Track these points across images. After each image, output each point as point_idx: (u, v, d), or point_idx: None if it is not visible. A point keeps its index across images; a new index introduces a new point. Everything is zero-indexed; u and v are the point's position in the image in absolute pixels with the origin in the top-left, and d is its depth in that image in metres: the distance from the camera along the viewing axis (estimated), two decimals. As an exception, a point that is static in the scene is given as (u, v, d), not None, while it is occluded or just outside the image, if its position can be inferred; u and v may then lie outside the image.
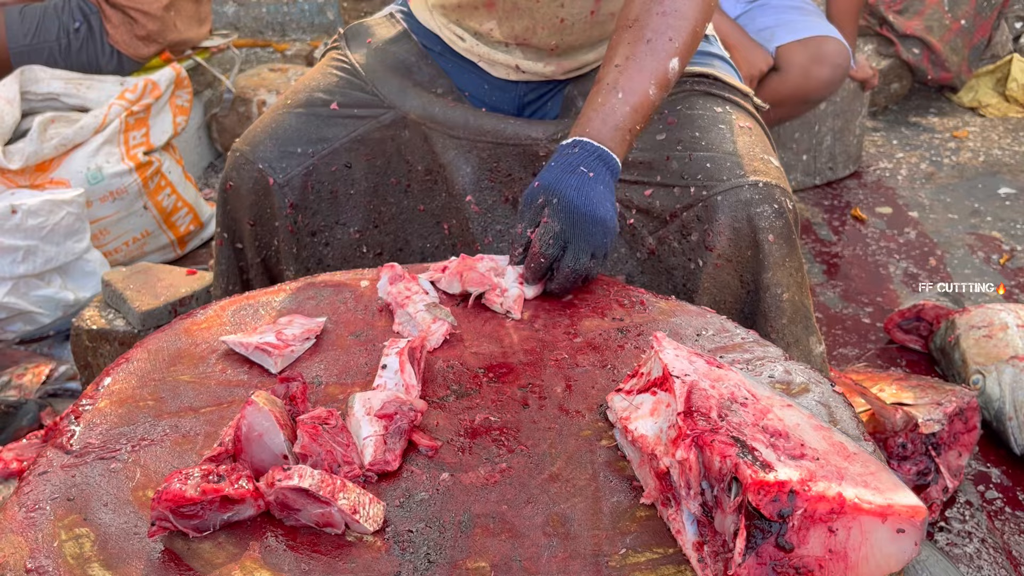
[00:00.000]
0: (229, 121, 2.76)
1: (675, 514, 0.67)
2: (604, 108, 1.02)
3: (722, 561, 0.62)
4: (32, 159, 1.95)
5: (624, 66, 1.04)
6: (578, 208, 0.96)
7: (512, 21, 1.21)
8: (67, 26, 2.27)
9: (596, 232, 0.96)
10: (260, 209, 1.25)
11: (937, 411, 1.43)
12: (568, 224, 0.96)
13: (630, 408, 0.75)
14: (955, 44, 3.28)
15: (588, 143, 1.00)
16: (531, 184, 1.00)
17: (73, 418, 0.80)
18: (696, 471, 0.64)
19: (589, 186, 0.97)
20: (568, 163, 0.99)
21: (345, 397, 0.83)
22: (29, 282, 1.83)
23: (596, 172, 0.99)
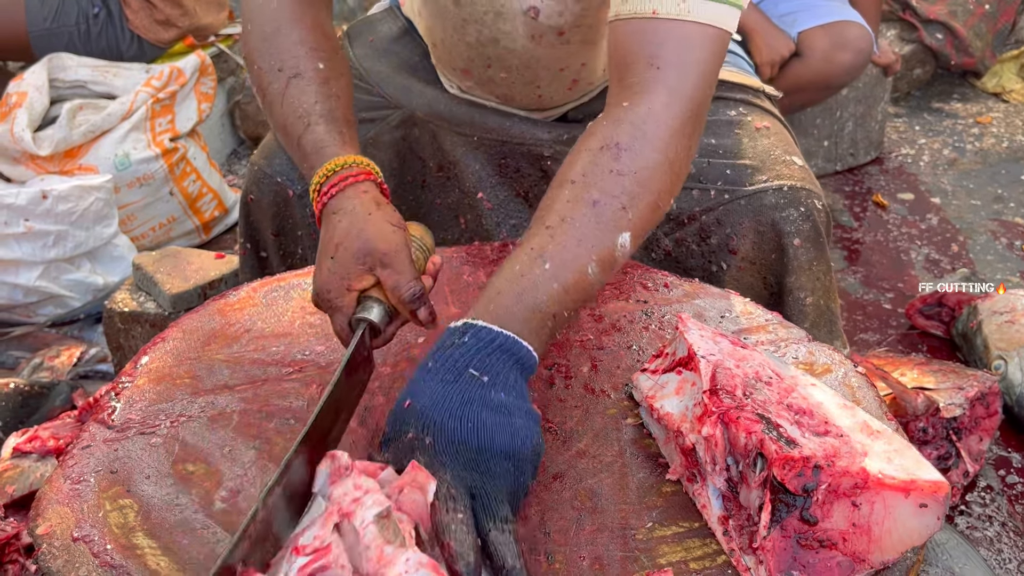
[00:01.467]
0: (252, 108, 2.78)
1: (700, 489, 0.69)
2: (522, 281, 0.74)
3: (747, 534, 0.65)
4: (61, 145, 1.98)
5: (558, 229, 0.77)
6: (465, 441, 0.65)
7: (490, 87, 1.19)
8: (86, 11, 2.29)
9: (499, 467, 0.66)
10: (282, 220, 1.25)
11: (958, 396, 1.43)
12: (461, 466, 0.65)
13: (655, 387, 0.76)
14: (979, 29, 3.26)
15: (483, 328, 0.70)
16: (399, 399, 0.69)
17: (114, 395, 0.83)
18: (722, 447, 0.66)
19: (481, 400, 0.67)
20: (452, 364, 0.69)
21: (375, 376, 0.84)
22: (60, 266, 1.87)
23: (494, 373, 0.69)
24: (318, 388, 0.83)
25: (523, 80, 1.14)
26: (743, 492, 0.65)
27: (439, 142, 1.27)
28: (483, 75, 1.16)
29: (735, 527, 0.66)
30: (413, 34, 1.32)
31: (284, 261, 1.30)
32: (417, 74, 1.29)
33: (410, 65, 1.30)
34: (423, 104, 1.25)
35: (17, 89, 2.07)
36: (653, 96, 0.81)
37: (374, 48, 1.31)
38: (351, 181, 0.85)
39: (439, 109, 1.25)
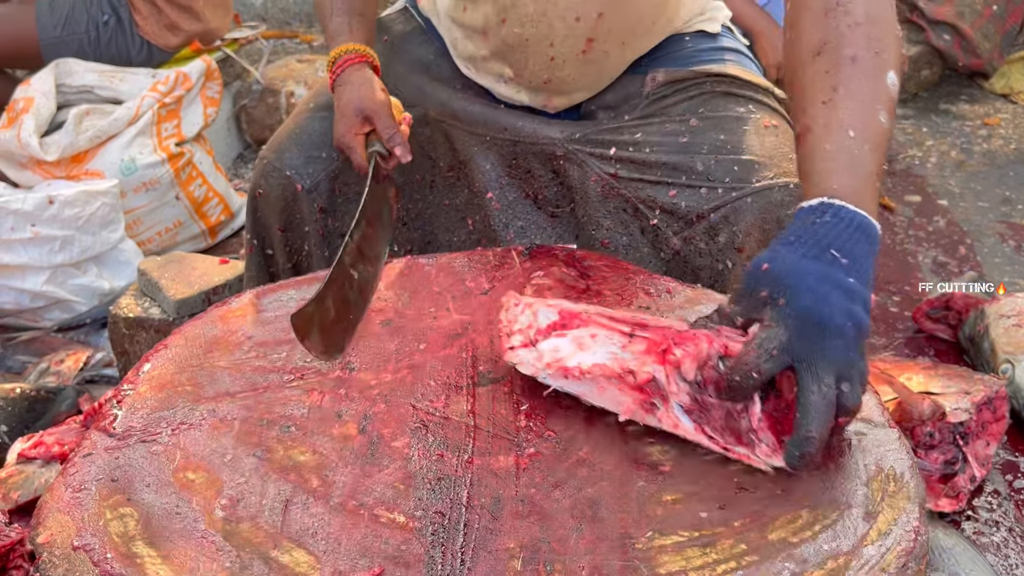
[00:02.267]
0: (258, 112, 2.79)
1: (665, 414, 0.75)
2: (841, 156, 0.78)
3: (730, 430, 0.73)
4: (68, 151, 1.99)
5: (837, 97, 0.81)
6: (811, 314, 0.71)
7: (504, 53, 1.19)
8: (96, 19, 2.30)
9: (836, 347, 0.70)
10: (290, 215, 1.26)
11: (965, 400, 1.42)
12: (797, 334, 0.71)
13: (551, 354, 0.80)
14: (987, 30, 3.24)
15: (843, 208, 0.75)
16: (757, 262, 0.75)
17: (115, 402, 0.83)
18: (687, 364, 0.74)
19: (835, 279, 0.72)
20: (814, 239, 0.74)
21: (377, 383, 0.84)
22: (66, 271, 1.87)
23: (853, 256, 0.73)
24: (319, 395, 0.83)
25: (537, 36, 1.15)
26: (709, 393, 0.73)
27: (451, 141, 1.28)
28: (498, 36, 1.17)
29: (715, 430, 0.73)
30: (427, 33, 1.33)
31: (290, 258, 1.30)
32: (430, 73, 1.30)
33: (424, 64, 1.31)
34: (436, 103, 1.26)
35: (24, 94, 2.08)
36: None
37: (389, 47, 1.33)
38: (351, 63, 1.16)
39: (453, 108, 1.26)
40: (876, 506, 0.69)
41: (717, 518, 0.68)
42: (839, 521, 0.67)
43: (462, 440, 0.77)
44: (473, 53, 1.24)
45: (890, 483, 0.71)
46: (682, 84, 1.21)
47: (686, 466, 0.73)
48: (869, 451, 0.74)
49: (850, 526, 0.67)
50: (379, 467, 0.74)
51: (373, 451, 0.76)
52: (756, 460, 0.72)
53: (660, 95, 1.21)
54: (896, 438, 0.76)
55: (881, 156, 0.80)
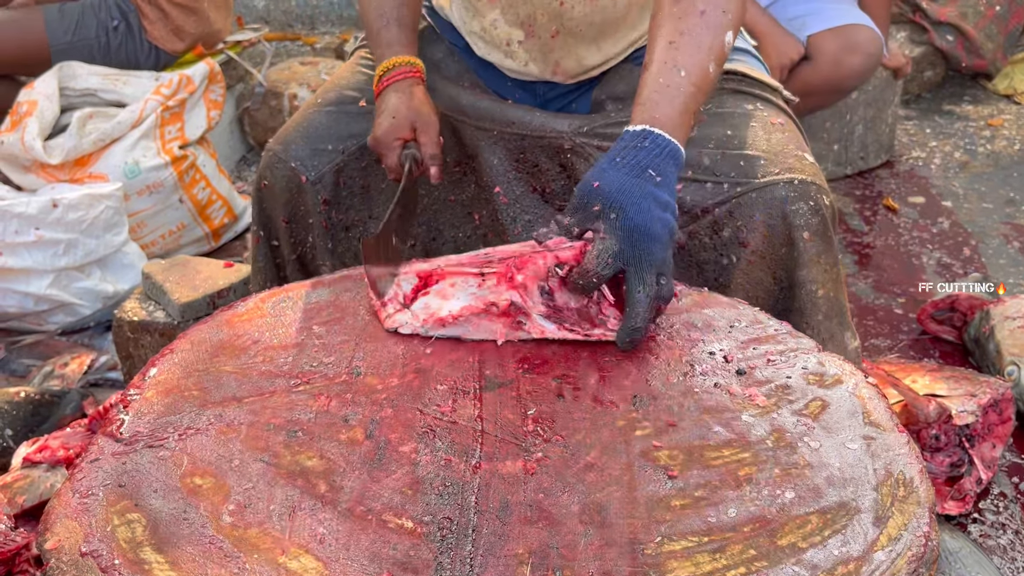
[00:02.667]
0: (261, 115, 2.79)
1: (532, 326, 0.90)
2: (668, 90, 0.94)
3: (585, 317, 0.90)
4: (72, 154, 1.99)
5: (679, 43, 0.97)
6: (639, 227, 0.86)
7: (516, 7, 1.21)
8: (106, 24, 2.30)
9: (657, 250, 0.87)
10: (294, 206, 1.27)
11: (971, 402, 1.42)
12: (628, 244, 0.86)
13: (422, 311, 0.92)
14: (990, 31, 3.24)
15: (660, 136, 0.91)
16: (588, 177, 0.90)
17: (122, 407, 0.83)
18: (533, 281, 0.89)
19: (653, 195, 0.88)
20: (636, 161, 0.90)
21: (383, 388, 0.84)
22: (70, 274, 1.87)
23: (665, 175, 0.90)
24: (326, 400, 0.83)
25: None
26: (557, 296, 0.90)
27: (458, 136, 1.29)
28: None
29: (573, 324, 0.89)
30: (437, 34, 1.36)
31: (295, 249, 1.31)
32: (440, 72, 1.32)
33: (433, 62, 1.33)
34: (445, 99, 1.27)
35: (28, 98, 2.08)
36: None
37: None
38: (407, 76, 1.19)
39: (460, 104, 1.28)
40: (886, 511, 0.68)
41: (727, 523, 0.68)
42: (849, 526, 0.67)
43: (470, 445, 0.77)
44: (483, 23, 1.25)
45: (900, 488, 0.71)
46: None
47: (694, 470, 0.73)
48: (878, 456, 0.74)
49: (860, 531, 0.67)
50: (387, 472, 0.74)
51: (380, 456, 0.76)
52: (609, 335, 0.89)
53: None
54: (905, 442, 0.75)
55: (703, 97, 0.97)
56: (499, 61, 1.27)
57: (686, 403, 0.81)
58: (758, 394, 0.82)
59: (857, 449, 0.75)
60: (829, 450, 0.75)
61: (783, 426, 0.78)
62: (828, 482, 0.72)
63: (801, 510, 0.69)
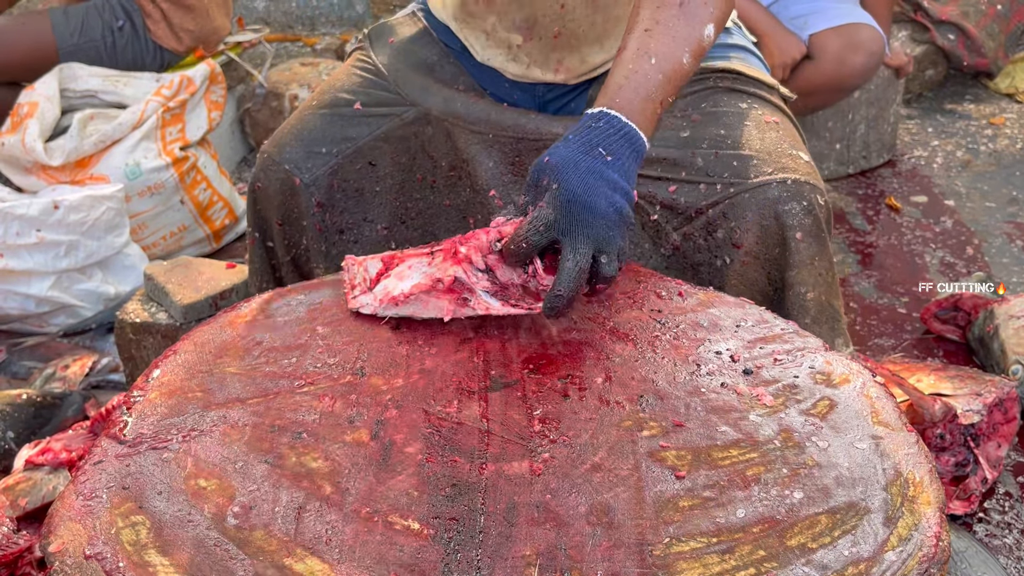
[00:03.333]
0: (262, 116, 2.79)
1: (477, 302, 0.90)
2: (636, 76, 0.93)
3: (528, 292, 0.90)
4: (72, 155, 1.98)
5: (655, 31, 0.96)
6: (578, 197, 0.86)
7: (512, 13, 1.20)
8: (111, 24, 2.30)
9: (597, 225, 0.86)
10: (288, 209, 1.27)
11: (976, 402, 1.41)
12: (563, 214, 0.86)
13: (382, 292, 0.93)
14: (991, 30, 3.23)
15: (615, 118, 0.91)
16: (541, 156, 0.90)
17: (125, 409, 0.82)
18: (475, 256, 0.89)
19: (599, 171, 0.87)
20: (587, 139, 0.90)
21: (388, 388, 0.84)
22: (71, 276, 1.87)
23: (616, 154, 0.89)
24: (331, 401, 0.82)
25: None
26: (499, 272, 0.90)
27: (453, 140, 1.28)
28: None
29: (517, 299, 0.90)
30: (432, 36, 1.35)
31: (289, 251, 1.31)
32: (434, 75, 1.31)
33: (428, 65, 1.32)
34: (439, 102, 1.27)
35: (28, 99, 2.07)
36: None
37: (394, 48, 1.34)
38: None
39: (455, 107, 1.27)
40: (896, 511, 0.68)
41: (735, 523, 0.67)
42: (859, 527, 0.67)
43: (476, 445, 0.76)
44: (482, 26, 1.24)
45: (909, 487, 0.70)
46: None
47: (703, 471, 0.73)
48: (887, 455, 0.74)
49: (870, 532, 0.66)
50: (392, 473, 0.73)
51: (386, 457, 0.75)
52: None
53: None
54: (914, 442, 0.75)
55: (672, 88, 0.96)
56: (501, 66, 1.27)
57: (693, 403, 0.81)
58: (765, 394, 0.82)
59: (866, 449, 0.74)
60: (838, 450, 0.75)
61: (791, 426, 0.78)
62: (837, 482, 0.71)
63: (810, 510, 0.68)
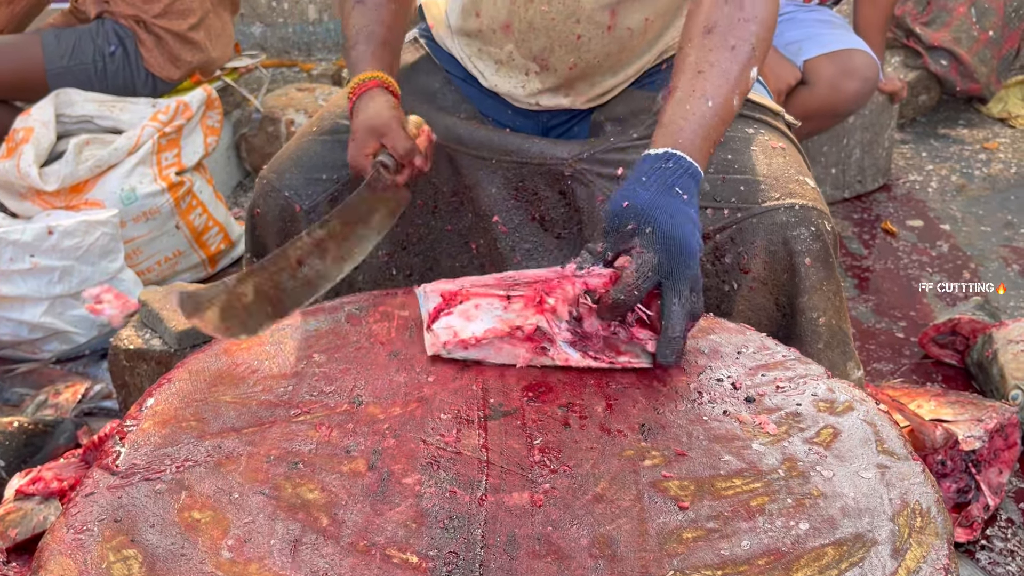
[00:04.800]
0: (258, 141, 2.79)
1: (556, 352, 0.88)
2: (694, 117, 0.94)
3: (611, 346, 0.88)
4: (68, 181, 1.98)
5: (708, 73, 0.97)
6: (675, 239, 0.85)
7: (530, 42, 1.20)
8: (103, 49, 2.30)
9: (693, 265, 0.87)
10: (287, 235, 1.26)
11: (977, 428, 1.40)
12: (666, 256, 0.85)
13: (445, 332, 0.90)
14: (983, 55, 3.26)
15: (683, 159, 0.91)
16: (616, 200, 0.89)
17: (118, 439, 0.81)
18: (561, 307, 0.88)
19: (684, 212, 0.88)
20: (663, 181, 0.89)
21: (386, 417, 0.83)
22: (65, 301, 1.86)
23: (689, 193, 0.90)
24: (327, 430, 0.81)
25: (564, 12, 1.17)
26: (586, 323, 0.88)
27: (455, 166, 1.27)
28: (523, 20, 1.19)
29: (598, 352, 0.88)
30: (434, 63, 1.35)
31: None
32: (435, 102, 1.30)
33: (429, 92, 1.32)
34: (441, 128, 1.26)
35: (24, 124, 2.07)
36: None
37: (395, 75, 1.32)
38: (366, 88, 1.14)
39: (458, 133, 1.26)
40: (903, 543, 0.67)
41: (740, 556, 0.66)
42: (866, 559, 0.65)
43: (475, 476, 0.75)
44: (497, 55, 1.24)
45: (917, 518, 0.69)
46: None
47: (706, 501, 0.72)
48: (893, 485, 0.72)
49: (878, 564, 0.65)
50: (390, 505, 0.72)
51: (384, 488, 0.74)
52: (635, 362, 0.88)
53: None
54: (920, 471, 0.74)
55: (723, 129, 0.97)
56: (509, 91, 1.26)
57: (695, 432, 0.80)
58: (768, 422, 0.81)
59: (871, 478, 0.73)
60: (843, 479, 0.74)
61: (795, 455, 0.77)
62: (843, 513, 0.70)
63: (816, 542, 0.67)
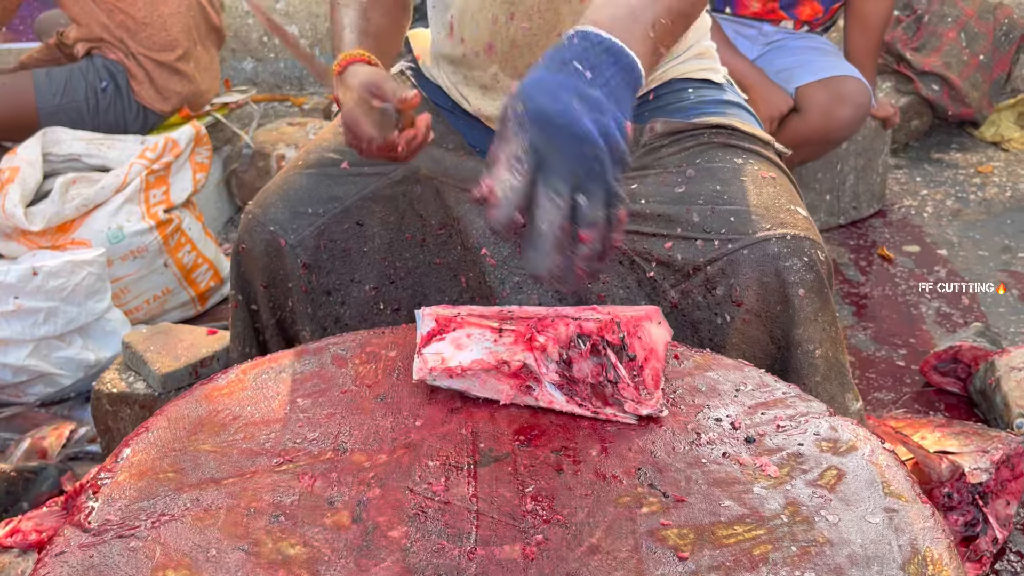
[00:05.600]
0: (248, 176, 2.77)
1: (541, 392, 0.85)
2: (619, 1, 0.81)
3: (598, 395, 0.85)
4: (54, 220, 1.95)
5: None
6: (547, 116, 0.70)
7: (514, 60, 1.20)
8: (95, 86, 2.29)
9: (572, 150, 0.70)
10: (273, 271, 1.23)
11: (983, 459, 1.37)
12: (538, 137, 0.70)
13: (433, 358, 0.87)
14: (975, 79, 3.26)
15: (593, 33, 0.77)
16: None
17: (91, 493, 0.77)
18: (552, 348, 0.84)
19: (575, 87, 0.72)
20: (559, 57, 0.75)
21: (371, 465, 0.79)
22: (50, 343, 1.82)
23: (597, 71, 0.74)
24: (310, 479, 0.78)
25: (545, 28, 1.16)
26: (576, 367, 0.84)
27: (443, 199, 1.26)
28: (506, 39, 1.18)
29: (585, 397, 0.84)
30: (422, 94, 1.32)
31: (274, 314, 1.27)
32: None
33: None
34: (428, 161, 1.25)
35: (10, 164, 2.05)
36: None
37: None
38: (349, 61, 1.11)
39: (445, 166, 1.25)
40: (915, 593, 0.63)
41: (744, 610, 0.63)
42: (877, 611, 0.62)
43: (464, 528, 0.71)
44: (481, 79, 1.23)
45: (928, 566, 0.66)
46: (680, 135, 1.19)
47: (707, 551, 0.68)
48: (902, 530, 0.69)
49: (889, 616, 0.62)
50: (375, 560, 0.69)
51: (368, 542, 0.70)
52: (623, 416, 0.84)
53: (656, 145, 1.19)
54: (930, 515, 0.71)
55: (660, 10, 0.82)
56: (493, 114, 1.25)
57: (694, 475, 0.77)
58: (769, 463, 0.78)
59: (879, 523, 0.70)
60: (849, 525, 0.70)
61: (798, 499, 0.73)
62: (851, 561, 0.67)
63: (824, 593, 0.64)
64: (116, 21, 2.28)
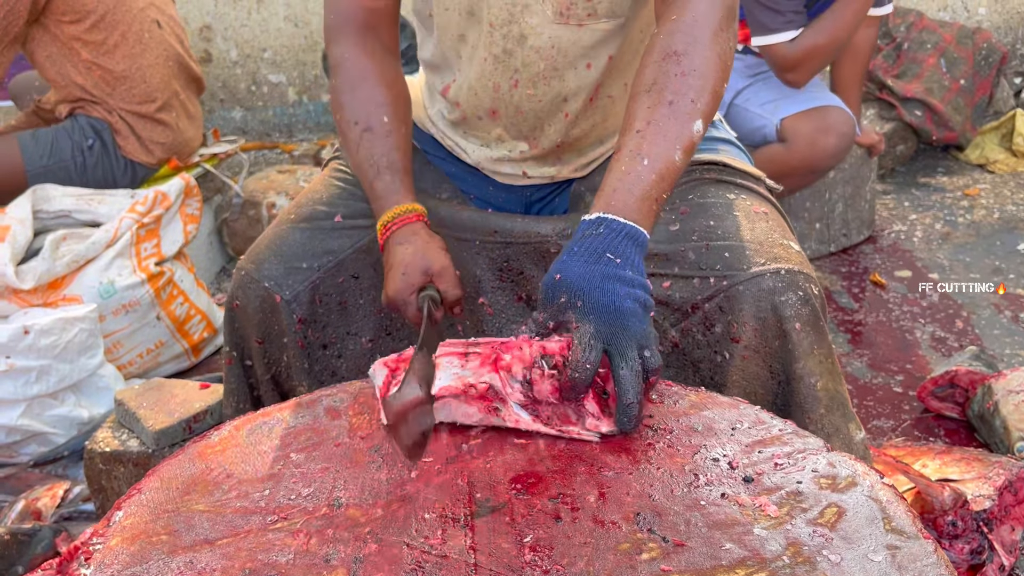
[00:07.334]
0: (240, 225, 2.78)
1: (507, 413, 0.87)
2: (628, 177, 0.94)
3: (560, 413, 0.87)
4: (44, 278, 1.95)
5: (645, 131, 0.97)
6: (606, 306, 0.87)
7: (519, 124, 1.21)
8: (81, 145, 2.30)
9: (632, 325, 0.86)
10: (268, 327, 1.22)
11: (986, 485, 1.36)
12: (602, 324, 0.86)
13: None
14: (957, 104, 3.30)
15: (614, 221, 0.91)
16: (550, 272, 0.91)
17: (84, 559, 0.76)
18: (516, 367, 0.87)
19: (614, 275, 0.88)
20: (593, 248, 0.90)
21: (367, 520, 0.78)
22: (43, 402, 1.81)
23: (624, 256, 0.90)
24: (306, 537, 0.77)
25: (550, 94, 1.19)
26: (537, 387, 0.87)
27: None
28: (510, 105, 1.20)
29: (551, 416, 0.87)
30: (415, 146, 1.33)
31: (269, 369, 1.25)
32: (416, 183, 1.28)
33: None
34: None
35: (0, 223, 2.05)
36: (695, 4, 1.02)
37: None
38: (409, 221, 1.13)
39: (440, 215, 1.25)
40: (922, 632, 0.62)
41: (749, 658, 0.62)
42: (884, 653, 0.61)
43: None
44: (484, 138, 1.25)
45: (933, 604, 0.65)
46: None
47: (709, 597, 0.67)
48: (906, 568, 0.68)
49: (896, 658, 0.61)
50: (373, 619, 0.67)
51: None
52: (585, 434, 0.86)
53: None
54: (932, 550, 0.70)
55: (666, 185, 0.96)
56: (493, 168, 1.26)
57: (693, 518, 0.76)
58: (769, 503, 0.77)
59: (882, 561, 0.69)
60: (851, 563, 0.69)
61: (799, 538, 0.73)
62: (855, 600, 0.66)
63: (829, 637, 0.63)
64: (94, 78, 2.28)
